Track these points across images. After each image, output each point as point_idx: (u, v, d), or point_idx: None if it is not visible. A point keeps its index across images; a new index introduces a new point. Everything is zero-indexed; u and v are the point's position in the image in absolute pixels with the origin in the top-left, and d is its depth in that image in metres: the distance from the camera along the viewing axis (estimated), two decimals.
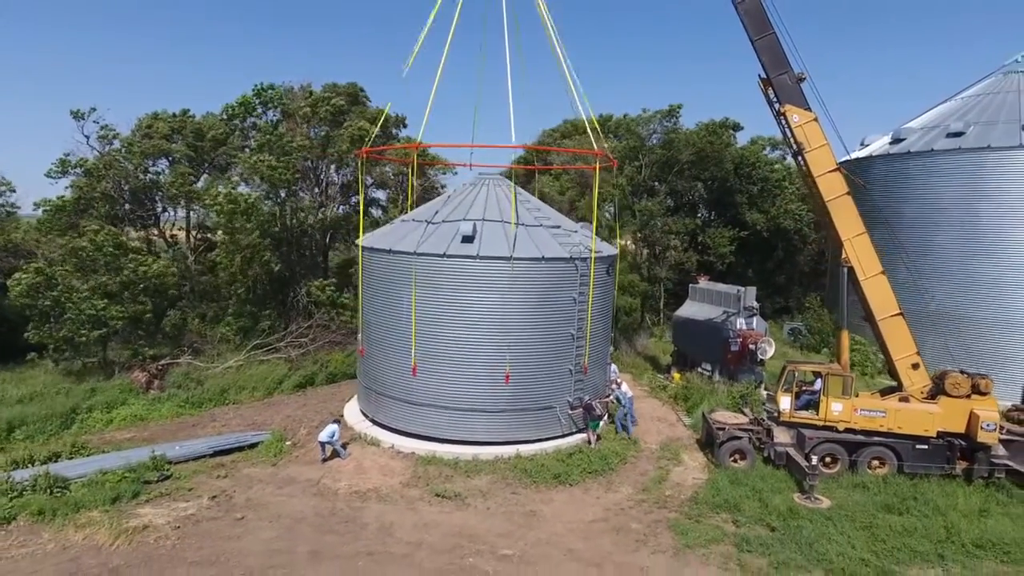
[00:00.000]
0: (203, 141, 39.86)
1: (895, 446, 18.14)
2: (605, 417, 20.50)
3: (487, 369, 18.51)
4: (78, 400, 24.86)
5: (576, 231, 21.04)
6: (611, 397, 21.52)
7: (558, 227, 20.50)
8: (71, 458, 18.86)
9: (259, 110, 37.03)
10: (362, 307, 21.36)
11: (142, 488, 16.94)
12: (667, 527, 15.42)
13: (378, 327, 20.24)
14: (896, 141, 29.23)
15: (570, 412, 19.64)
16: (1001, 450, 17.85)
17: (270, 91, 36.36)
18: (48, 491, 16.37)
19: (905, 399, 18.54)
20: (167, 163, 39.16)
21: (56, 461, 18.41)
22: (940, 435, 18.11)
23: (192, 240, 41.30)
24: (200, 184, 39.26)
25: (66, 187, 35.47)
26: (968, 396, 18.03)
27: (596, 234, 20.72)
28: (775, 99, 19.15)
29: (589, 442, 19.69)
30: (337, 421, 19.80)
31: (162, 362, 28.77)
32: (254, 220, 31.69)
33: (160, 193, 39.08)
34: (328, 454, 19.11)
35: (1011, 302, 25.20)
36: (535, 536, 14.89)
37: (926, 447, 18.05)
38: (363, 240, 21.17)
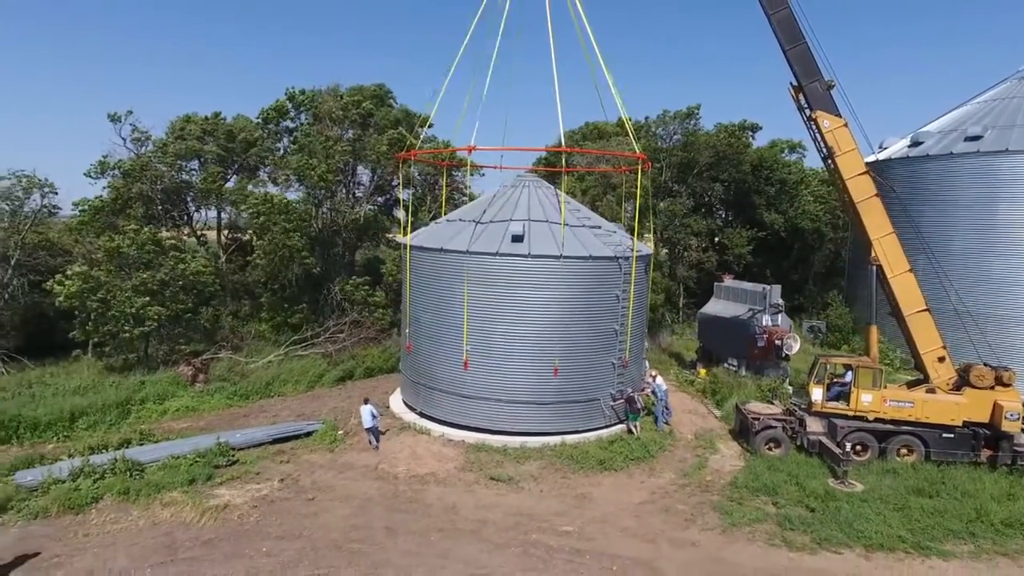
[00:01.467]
0: (234, 142, 41.04)
1: (923, 435, 19.15)
2: (643, 408, 21.56)
3: (536, 363, 19.55)
4: (130, 392, 25.92)
5: (615, 231, 22.08)
6: (648, 390, 22.56)
7: (599, 227, 21.55)
8: (141, 444, 19.95)
9: (292, 113, 38.15)
10: (408, 304, 22.36)
11: (213, 472, 18.04)
12: (712, 508, 16.46)
13: (427, 324, 21.27)
14: (914, 144, 30.20)
15: (612, 404, 20.68)
16: (1023, 438, 18.84)
17: (302, 95, 37.50)
18: (127, 474, 17.48)
19: (932, 390, 19.55)
20: (198, 164, 40.34)
21: (127, 447, 19.49)
22: (965, 424, 19.11)
23: (223, 239, 42.47)
24: (231, 184, 40.43)
25: (103, 188, 36.70)
26: (992, 388, 19.03)
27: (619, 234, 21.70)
28: (806, 105, 20.15)
29: (630, 431, 20.73)
30: (367, 401, 20.76)
31: (204, 357, 29.86)
32: (293, 220, 32.77)
33: (191, 193, 40.28)
34: (378, 441, 20.23)
35: None
36: (589, 515, 15.93)
37: (952, 436, 19.05)
38: (410, 239, 22.20)
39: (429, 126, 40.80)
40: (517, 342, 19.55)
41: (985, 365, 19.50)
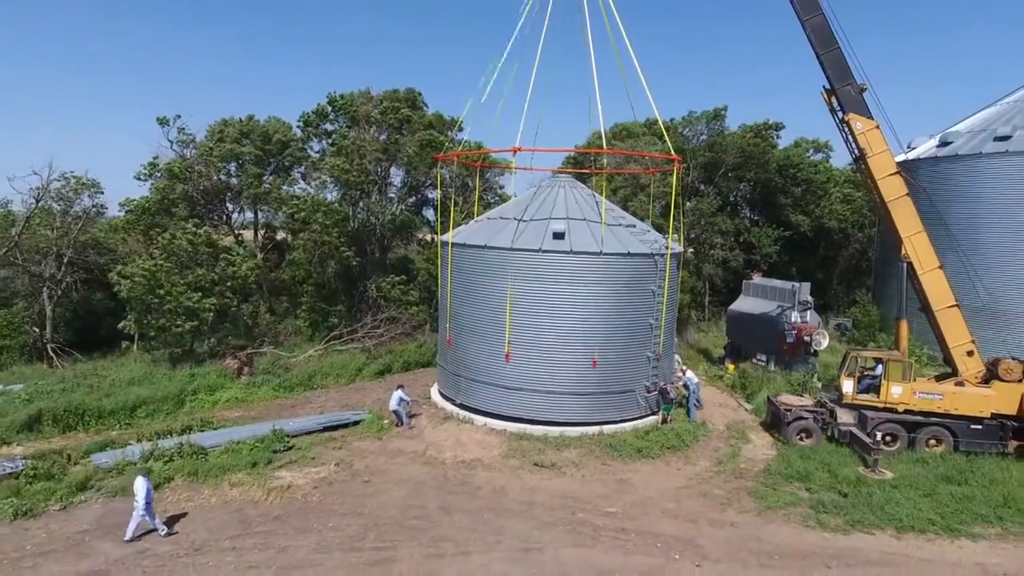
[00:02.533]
0: (270, 144, 42.44)
1: (951, 426, 19.76)
2: (676, 400, 22.40)
3: (576, 355, 20.46)
4: (183, 384, 27.23)
5: (649, 230, 22.92)
6: (680, 383, 23.37)
7: (633, 226, 22.41)
8: (202, 431, 21.21)
9: (331, 116, 39.44)
10: (449, 300, 23.34)
11: (272, 456, 19.18)
12: (747, 493, 17.25)
13: (468, 318, 22.25)
14: (943, 144, 30.61)
15: (647, 395, 21.52)
16: None
17: (341, 99, 38.79)
18: (193, 457, 18.69)
19: (960, 383, 20.13)
20: (235, 165, 41.75)
21: (190, 433, 20.72)
22: (993, 416, 19.67)
23: (259, 238, 43.92)
24: (267, 185, 41.83)
25: (150, 188, 38.22)
26: (1020, 381, 19.57)
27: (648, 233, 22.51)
28: (839, 108, 20.80)
29: (665, 421, 21.57)
30: (401, 387, 22.18)
31: (249, 351, 31.16)
32: (332, 219, 34.00)
33: (230, 194, 41.74)
34: (408, 421, 21.63)
35: None
36: (631, 499, 16.80)
37: (980, 427, 19.64)
38: (452, 237, 23.20)
39: (460, 129, 42.05)
40: (558, 335, 20.46)
41: (1013, 359, 20.05)
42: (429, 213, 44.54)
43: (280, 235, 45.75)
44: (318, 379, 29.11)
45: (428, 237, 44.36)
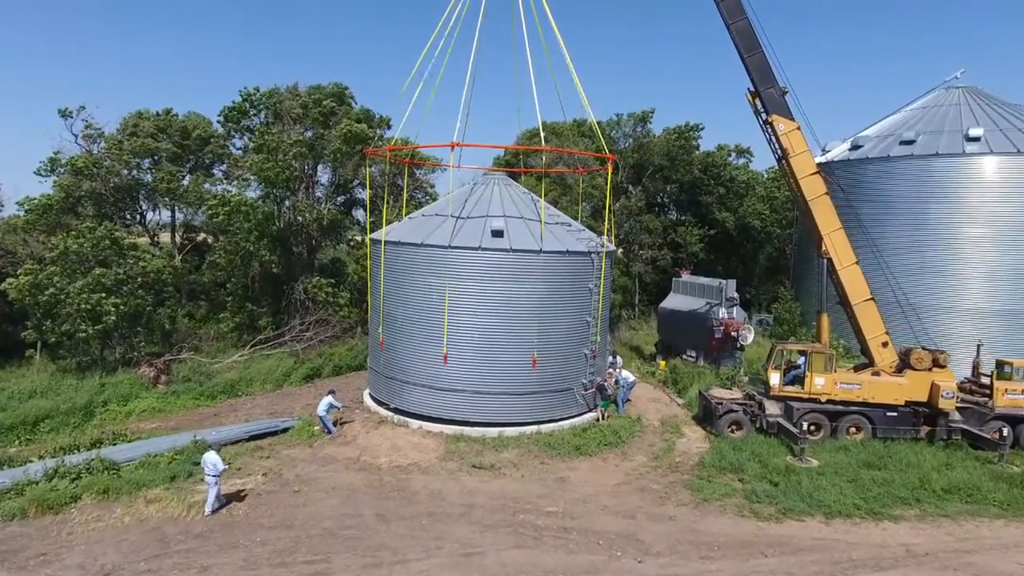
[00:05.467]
0: (188, 140, 40.28)
1: (869, 414, 20.80)
2: (612, 396, 22.60)
3: (516, 355, 20.23)
4: (91, 395, 25.39)
5: (583, 229, 23.01)
6: (612, 379, 23.57)
7: (569, 225, 22.43)
8: (114, 444, 19.69)
9: (251, 112, 37.76)
10: (382, 300, 22.63)
11: (193, 469, 17.97)
12: (683, 486, 17.51)
13: (403, 319, 21.64)
14: (855, 147, 32.35)
15: (584, 393, 21.57)
16: (957, 415, 20.66)
17: (258, 94, 37.24)
18: (105, 473, 17.28)
19: (877, 373, 21.21)
20: (151, 162, 39.35)
21: (101, 447, 19.20)
22: (907, 404, 20.83)
23: (178, 239, 41.58)
24: (186, 183, 39.64)
25: (52, 186, 35.50)
26: (930, 369, 20.81)
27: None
28: (762, 110, 21.53)
29: (600, 419, 21.69)
30: (331, 392, 21.37)
31: (166, 358, 29.37)
32: (253, 220, 32.49)
33: (144, 192, 39.32)
34: (332, 429, 20.81)
35: (958, 291, 28.57)
36: (571, 496, 16.72)
37: (895, 414, 20.75)
38: (385, 235, 22.53)
39: (388, 126, 41.10)
40: (496, 335, 20.18)
41: (923, 349, 21.29)
42: (359, 213, 43.43)
43: (201, 236, 43.53)
44: (243, 386, 27.78)
45: (359, 238, 43.21)
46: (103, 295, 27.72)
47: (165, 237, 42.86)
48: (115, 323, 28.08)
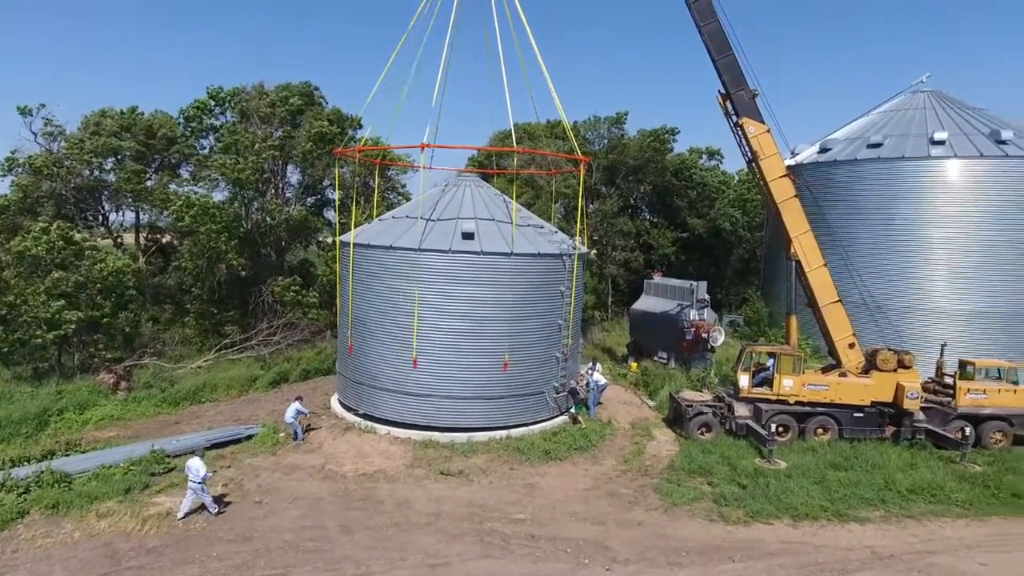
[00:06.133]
0: (154, 139, 39.24)
1: (836, 415, 20.93)
2: (584, 400, 22.45)
3: (486, 359, 19.95)
4: (46, 403, 24.46)
5: (556, 231, 22.83)
6: (584, 381, 23.42)
7: (542, 227, 22.23)
8: (67, 455, 18.98)
9: (215, 111, 36.93)
10: (350, 304, 22.18)
11: (150, 480, 17.40)
12: (653, 490, 17.39)
13: (372, 322, 21.23)
14: (823, 150, 32.68)
15: (556, 396, 21.37)
16: (921, 415, 20.89)
17: (224, 93, 36.42)
18: (55, 486, 16.60)
19: (844, 374, 21.36)
20: (114, 161, 38.26)
21: (52, 459, 18.48)
22: (873, 404, 21.00)
23: (142, 241, 40.50)
24: (151, 183, 38.62)
25: (9, 186, 34.32)
26: (895, 370, 21.00)
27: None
28: (733, 112, 21.56)
29: (575, 422, 21.51)
30: (299, 398, 20.94)
31: (127, 363, 28.51)
32: (220, 221, 31.74)
33: (107, 192, 38.20)
34: (300, 436, 20.41)
35: (923, 292, 29.00)
36: (540, 503, 16.50)
37: (862, 415, 20.92)
38: (354, 237, 22.09)
39: (360, 126, 40.52)
40: (467, 339, 19.89)
41: (889, 350, 21.49)
42: (330, 214, 42.75)
43: (167, 238, 42.46)
44: (207, 392, 27.02)
45: (330, 239, 42.56)
46: (63, 304, 26.78)
47: (130, 238, 41.74)
48: (74, 330, 27.17)
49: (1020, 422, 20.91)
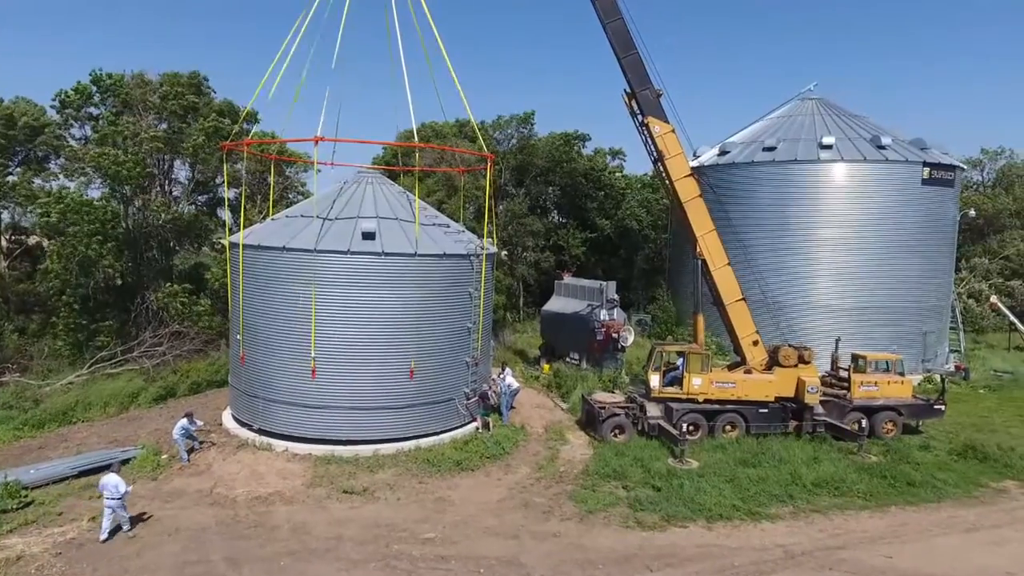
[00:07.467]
0: (15, 129, 35.14)
1: (743, 412, 21.32)
2: (495, 405, 21.73)
3: (391, 366, 18.81)
4: None
5: (463, 231, 21.98)
6: (497, 386, 22.71)
7: (448, 226, 21.32)
8: None
9: (96, 99, 33.50)
10: (241, 310, 20.41)
11: (1, 518, 15.11)
12: (568, 498, 16.88)
13: (265, 330, 19.59)
14: (723, 153, 33.69)
15: (467, 402, 20.52)
16: (820, 409, 21.65)
17: (109, 79, 33.09)
18: None
19: (749, 371, 21.81)
20: None
21: None
22: (777, 400, 21.55)
23: (5, 244, 36.20)
24: (13, 178, 34.56)
25: None
26: (796, 365, 21.65)
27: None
28: (638, 111, 21.52)
29: (487, 427, 20.74)
30: (188, 414, 19.24)
31: None
32: (95, 221, 28.67)
33: None
34: (184, 456, 18.68)
35: (815, 290, 30.42)
36: (450, 519, 15.59)
37: (766, 411, 21.41)
38: (243, 238, 20.35)
39: (256, 121, 38.05)
40: (369, 345, 18.69)
41: (790, 346, 22.16)
42: (226, 212, 39.89)
43: (33, 239, 38.18)
44: (79, 411, 24.20)
45: (224, 241, 39.74)
46: None
47: None
48: None
49: (908, 411, 22.13)
